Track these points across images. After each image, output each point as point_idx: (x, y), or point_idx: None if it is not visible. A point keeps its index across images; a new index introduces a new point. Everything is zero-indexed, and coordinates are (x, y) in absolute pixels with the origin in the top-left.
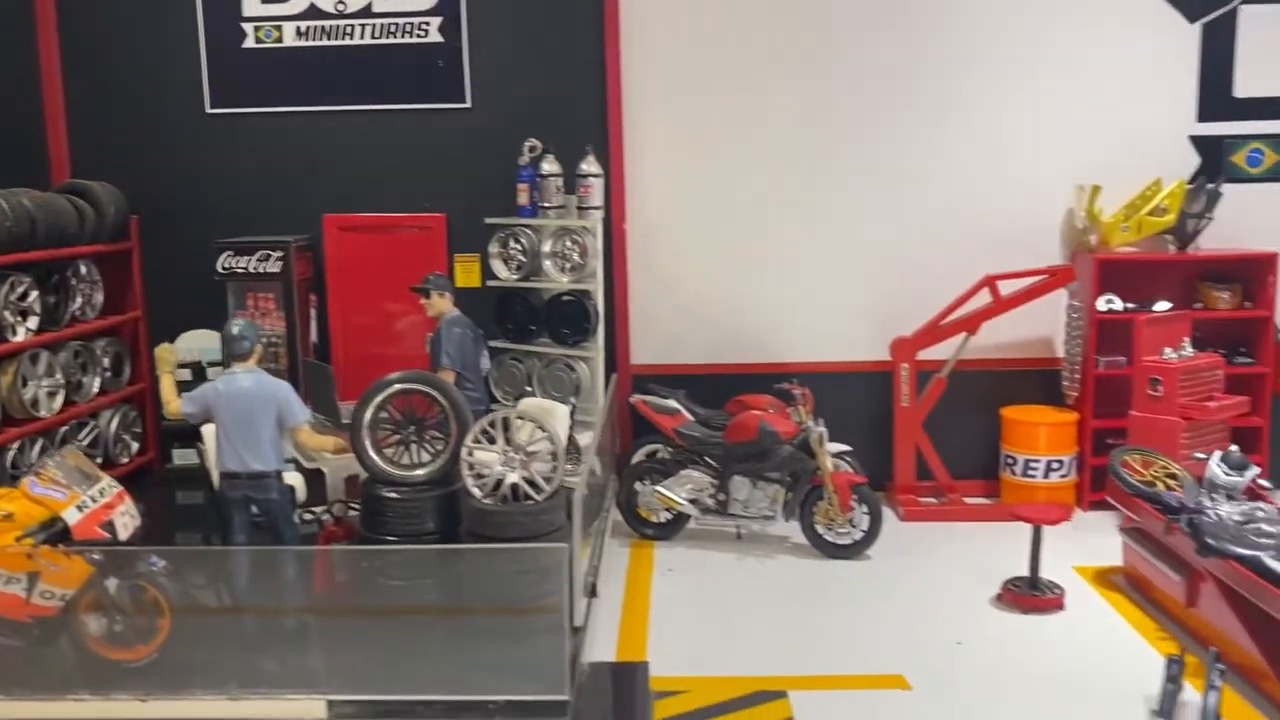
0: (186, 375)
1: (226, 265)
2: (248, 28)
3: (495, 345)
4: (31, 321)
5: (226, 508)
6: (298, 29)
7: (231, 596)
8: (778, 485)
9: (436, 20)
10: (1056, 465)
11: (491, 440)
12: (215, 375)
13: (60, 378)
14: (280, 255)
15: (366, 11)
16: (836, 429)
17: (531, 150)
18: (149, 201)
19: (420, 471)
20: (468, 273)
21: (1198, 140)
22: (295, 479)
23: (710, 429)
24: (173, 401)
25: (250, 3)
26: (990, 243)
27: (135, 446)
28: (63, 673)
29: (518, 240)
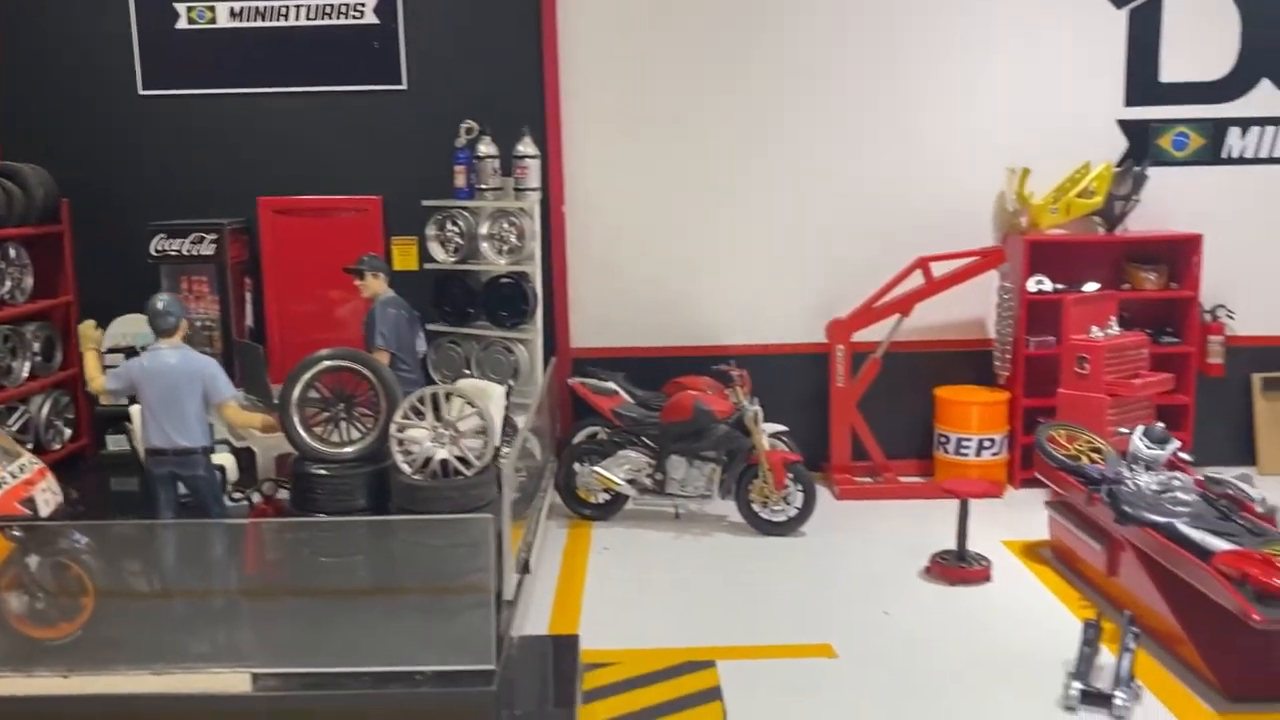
0: (120, 360)
1: (160, 248)
2: (180, 8)
3: (434, 328)
4: None
5: (152, 485)
6: (231, 10)
7: (157, 572)
8: (714, 464)
9: (372, 2)
10: (988, 444)
11: (421, 416)
12: None
13: None
14: (214, 238)
15: None
16: (775, 410)
17: (468, 132)
18: (80, 184)
19: (349, 449)
20: (405, 255)
21: (1125, 124)
22: (227, 459)
23: (648, 410)
24: (97, 379)
25: None
26: (924, 226)
27: (68, 433)
28: None
29: (455, 223)
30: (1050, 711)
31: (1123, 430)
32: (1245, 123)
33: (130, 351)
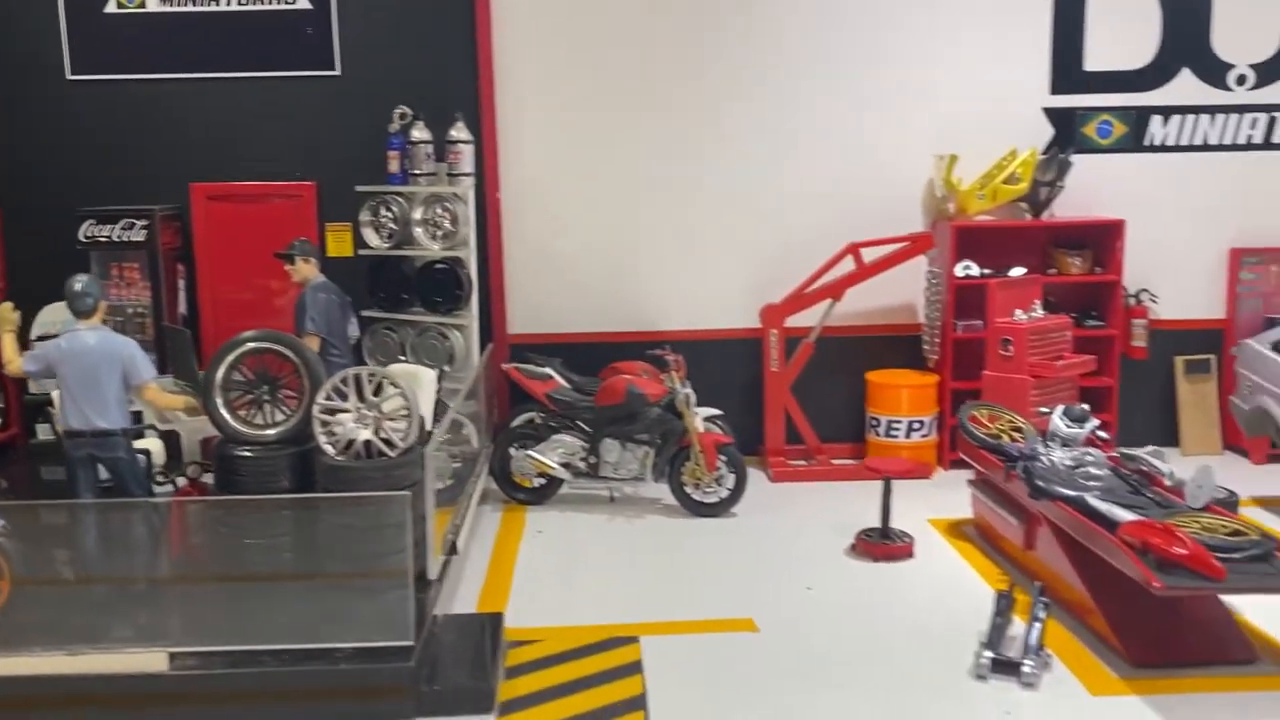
0: None
1: (89, 234)
2: None
3: (368, 314)
4: None
5: (72, 468)
6: None
7: (77, 555)
8: (647, 447)
9: None
10: (918, 426)
11: (344, 398)
12: None
13: None
14: (145, 224)
15: None
16: (710, 394)
17: (402, 117)
18: (8, 170)
19: (273, 430)
20: (339, 241)
21: (1051, 112)
22: (153, 443)
23: (583, 394)
24: (14, 360)
25: None
26: (855, 212)
27: None
28: None
29: (389, 208)
30: (962, 680)
31: (1044, 410)
32: (1167, 111)
33: None
